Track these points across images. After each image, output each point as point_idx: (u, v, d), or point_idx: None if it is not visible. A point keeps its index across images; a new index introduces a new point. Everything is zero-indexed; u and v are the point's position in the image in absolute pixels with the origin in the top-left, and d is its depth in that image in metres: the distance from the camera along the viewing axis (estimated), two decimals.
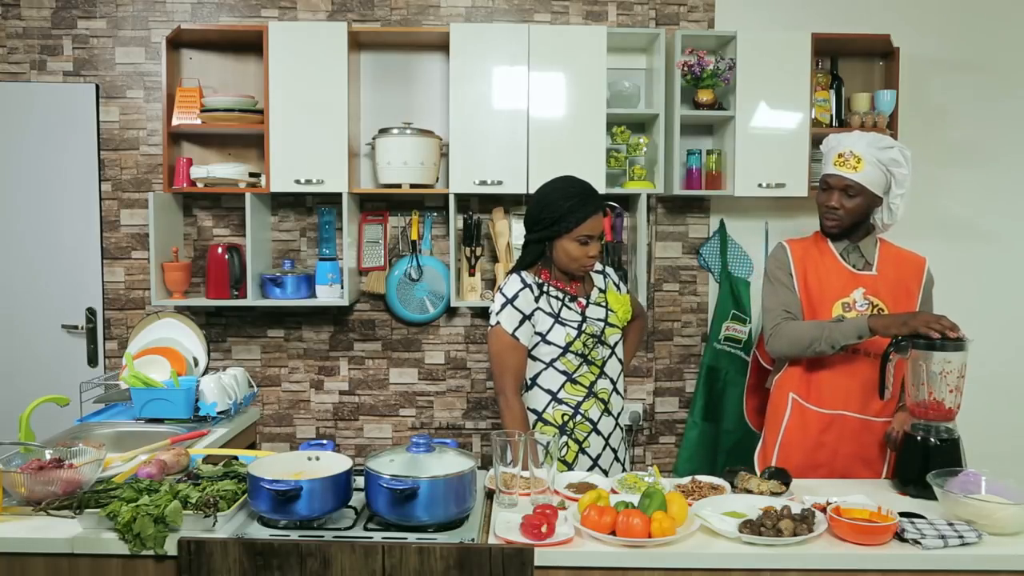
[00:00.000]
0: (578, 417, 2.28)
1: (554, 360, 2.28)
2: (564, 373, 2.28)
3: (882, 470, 2.28)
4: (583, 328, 2.27)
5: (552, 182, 2.31)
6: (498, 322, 2.26)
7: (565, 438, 2.27)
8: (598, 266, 2.44)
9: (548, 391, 2.29)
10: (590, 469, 2.29)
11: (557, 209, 2.23)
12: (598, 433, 2.30)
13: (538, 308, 2.27)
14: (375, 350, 3.85)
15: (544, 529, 1.70)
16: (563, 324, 2.26)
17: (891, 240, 2.41)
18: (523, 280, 2.28)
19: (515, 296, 2.26)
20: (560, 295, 2.30)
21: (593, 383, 2.30)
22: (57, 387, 2.84)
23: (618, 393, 2.37)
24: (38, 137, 3.68)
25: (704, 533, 1.74)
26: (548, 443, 1.90)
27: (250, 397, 2.84)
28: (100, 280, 3.76)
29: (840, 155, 2.23)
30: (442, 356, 3.86)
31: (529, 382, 2.32)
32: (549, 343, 2.27)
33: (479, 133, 3.42)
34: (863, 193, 2.23)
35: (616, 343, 2.35)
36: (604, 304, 2.35)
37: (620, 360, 2.38)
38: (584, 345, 2.26)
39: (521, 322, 2.25)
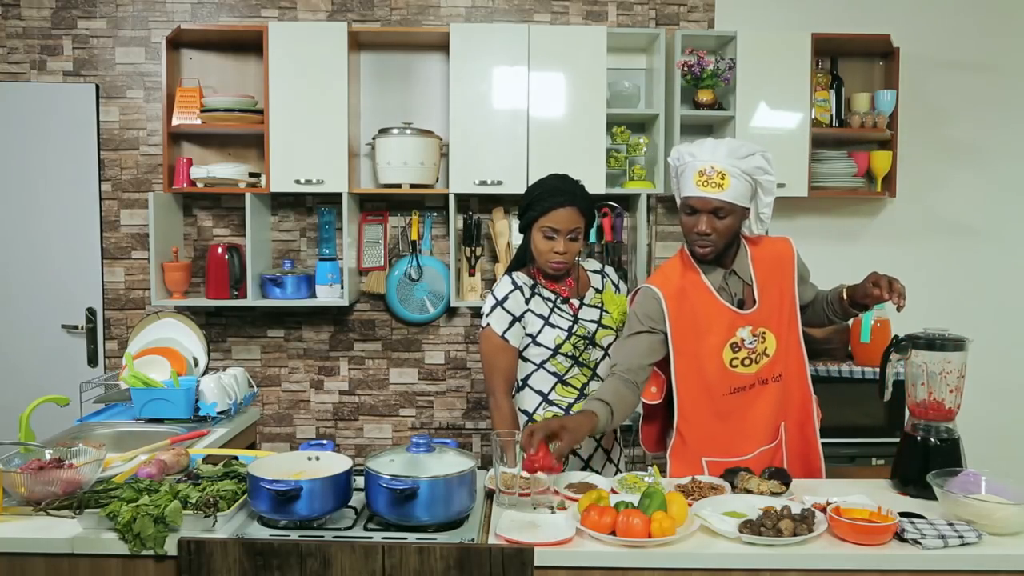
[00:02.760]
0: None
1: (544, 362, 2.28)
2: (555, 375, 2.28)
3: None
4: (573, 330, 2.26)
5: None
6: (488, 324, 2.26)
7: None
8: (597, 265, 2.44)
9: (539, 392, 2.29)
10: (581, 470, 2.28)
11: (529, 196, 2.25)
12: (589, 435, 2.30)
13: (528, 310, 2.26)
14: (375, 350, 3.85)
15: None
16: (552, 326, 2.25)
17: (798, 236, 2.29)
18: (514, 282, 2.28)
19: (505, 298, 2.26)
20: (552, 296, 2.29)
21: (585, 385, 2.29)
22: (57, 387, 2.84)
23: None
24: (38, 137, 3.68)
25: (704, 533, 1.73)
26: None
27: (250, 397, 2.84)
28: (100, 280, 3.76)
29: (701, 172, 1.98)
30: (442, 356, 3.86)
31: (520, 383, 2.32)
32: (539, 345, 2.26)
33: (479, 133, 3.42)
34: (733, 211, 2.01)
35: (610, 345, 2.34)
36: (599, 305, 2.34)
37: None
38: (574, 347, 2.25)
39: (511, 324, 2.25)
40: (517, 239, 3.68)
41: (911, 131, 3.72)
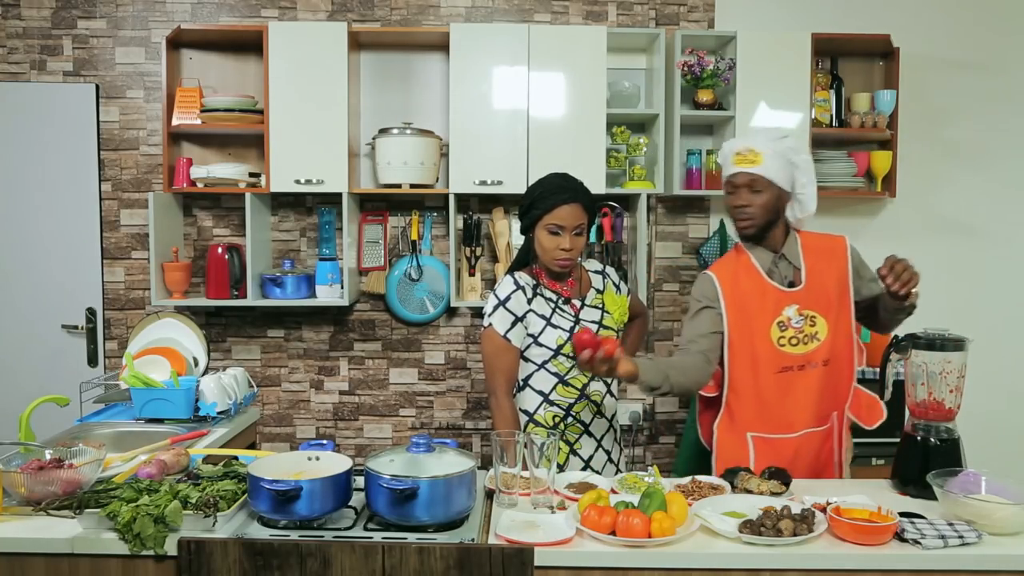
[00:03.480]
0: (569, 419, 2.28)
1: (546, 362, 2.28)
2: (556, 375, 2.28)
3: (834, 471, 2.26)
4: (575, 331, 2.26)
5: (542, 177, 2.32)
6: (490, 324, 2.26)
7: (557, 439, 2.27)
8: (598, 266, 2.44)
9: (540, 392, 2.29)
10: (582, 471, 2.28)
11: (531, 195, 2.25)
12: (590, 435, 2.30)
13: (531, 310, 2.26)
14: (375, 350, 3.85)
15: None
16: (554, 326, 2.26)
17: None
18: (516, 282, 2.28)
19: (508, 298, 2.26)
20: (553, 296, 2.29)
21: (585, 385, 2.29)
22: (57, 387, 2.84)
23: (612, 395, 2.36)
24: (38, 137, 3.68)
25: (704, 533, 1.74)
26: (544, 444, 1.90)
27: (250, 397, 2.84)
28: (100, 280, 3.76)
29: (738, 153, 2.16)
30: (442, 356, 3.86)
31: (521, 383, 2.32)
32: (541, 345, 2.26)
33: (479, 133, 3.42)
34: (769, 187, 2.14)
35: None
36: (600, 306, 2.34)
37: None
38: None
39: (513, 324, 2.25)
40: (517, 239, 3.68)
41: (911, 131, 3.72)
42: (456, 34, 3.41)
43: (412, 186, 3.49)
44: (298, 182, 3.42)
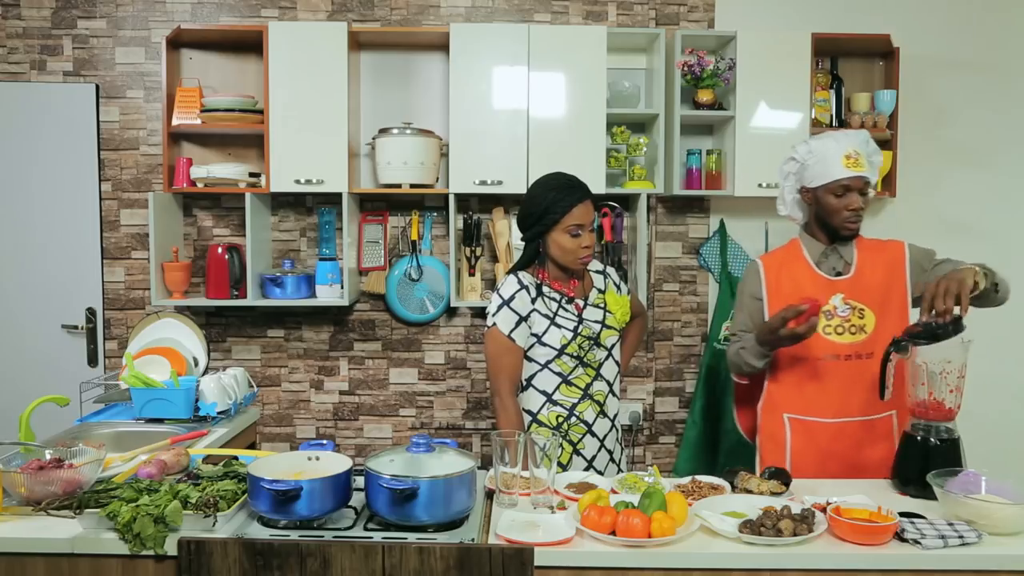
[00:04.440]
0: (572, 419, 2.28)
1: (549, 362, 2.27)
2: (559, 375, 2.28)
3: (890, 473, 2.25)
4: (579, 330, 2.26)
5: (537, 179, 2.32)
6: (494, 323, 2.25)
7: (559, 439, 2.27)
8: (599, 266, 2.44)
9: (543, 392, 2.29)
10: (585, 470, 2.28)
11: (543, 201, 2.23)
12: (593, 435, 2.30)
13: (534, 309, 2.26)
14: (375, 350, 3.85)
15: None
16: (558, 326, 2.25)
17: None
18: (520, 281, 2.28)
19: (512, 297, 2.25)
20: (557, 296, 2.29)
21: (589, 385, 2.29)
22: (57, 387, 2.84)
23: (614, 395, 2.36)
24: (38, 137, 3.68)
25: (704, 533, 1.74)
26: (546, 444, 1.90)
27: (250, 397, 2.84)
28: (100, 280, 3.76)
29: (848, 156, 2.19)
30: (442, 356, 3.86)
31: (524, 383, 2.32)
32: (544, 344, 2.26)
33: (479, 133, 3.42)
34: (869, 189, 2.23)
35: (613, 345, 2.34)
36: (602, 306, 2.34)
37: (617, 362, 2.37)
38: (579, 347, 2.25)
39: (517, 323, 2.25)
40: (517, 239, 3.68)
41: (911, 131, 3.72)
42: (456, 34, 3.41)
43: (412, 186, 3.49)
44: (298, 182, 3.42)
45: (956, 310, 1.94)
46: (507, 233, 3.70)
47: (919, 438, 2.02)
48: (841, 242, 2.28)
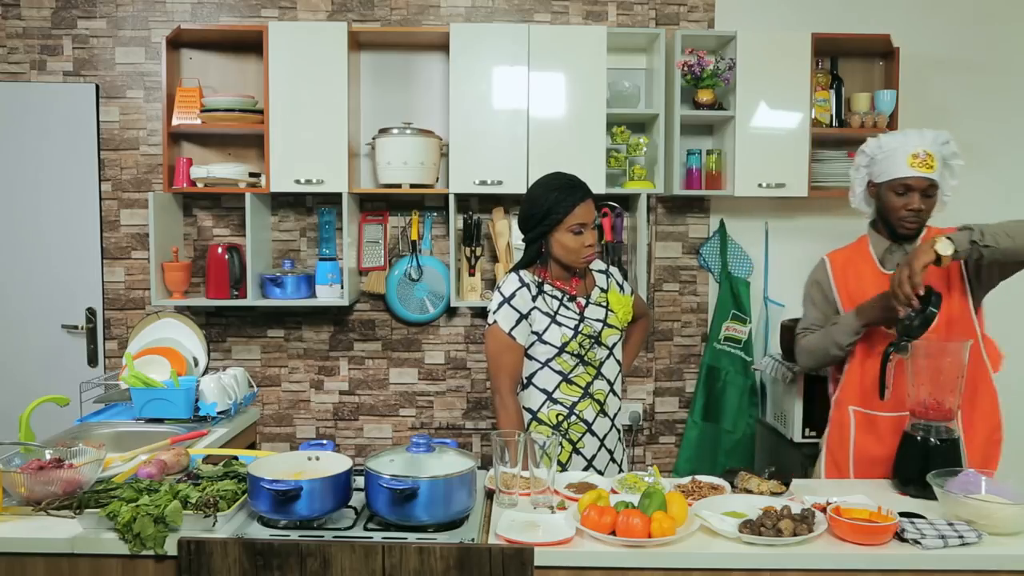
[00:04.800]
0: (572, 417, 2.28)
1: (550, 360, 2.28)
2: (559, 373, 2.28)
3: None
4: (579, 328, 2.26)
5: (538, 180, 2.33)
6: (495, 321, 2.26)
7: (559, 438, 2.27)
8: (602, 265, 2.44)
9: (543, 390, 2.29)
10: (584, 470, 2.28)
11: (544, 202, 2.24)
12: (593, 434, 2.30)
13: (535, 307, 2.26)
14: (375, 350, 3.85)
15: None
16: (559, 324, 2.26)
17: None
18: (521, 279, 2.28)
19: (512, 295, 2.26)
20: (558, 294, 2.30)
21: (589, 384, 2.29)
22: (57, 387, 2.84)
23: (615, 394, 2.36)
24: (38, 137, 3.68)
25: (704, 533, 1.74)
26: (546, 443, 1.90)
27: (250, 397, 2.84)
28: (100, 280, 3.76)
29: (915, 155, 2.18)
30: (442, 356, 3.86)
31: (525, 381, 2.32)
32: (545, 343, 2.27)
33: (479, 133, 3.42)
34: (937, 191, 2.23)
35: (615, 344, 2.34)
36: (604, 304, 2.34)
37: (618, 361, 2.37)
38: (580, 345, 2.26)
39: (518, 321, 2.25)
40: (517, 239, 3.68)
41: None
42: (456, 34, 3.41)
43: (412, 186, 3.49)
44: (298, 182, 3.42)
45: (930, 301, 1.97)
46: (507, 233, 3.70)
47: (919, 438, 2.02)
48: (902, 240, 2.28)
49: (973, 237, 2.02)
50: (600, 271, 2.42)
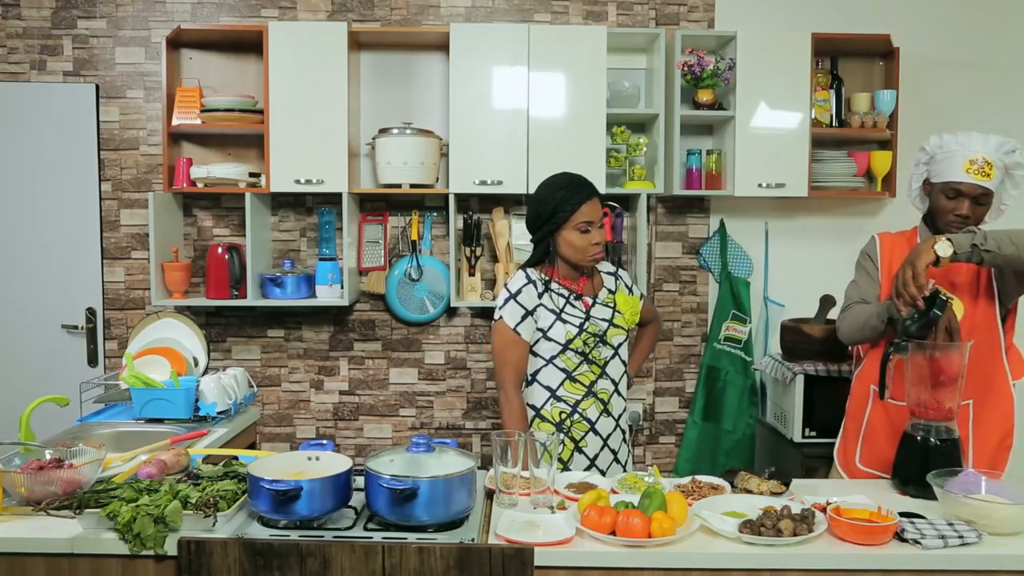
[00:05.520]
0: (576, 416, 2.28)
1: (554, 357, 2.28)
2: (563, 371, 2.28)
3: (968, 459, 2.22)
4: (585, 327, 2.27)
5: (544, 180, 2.33)
6: (501, 317, 2.27)
7: (562, 436, 2.27)
8: (610, 267, 2.45)
9: (547, 388, 2.30)
10: (587, 469, 2.28)
11: (551, 201, 2.25)
12: (596, 433, 2.30)
13: (541, 304, 2.27)
14: (375, 350, 3.85)
15: None
16: (564, 321, 2.26)
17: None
18: (528, 276, 2.29)
19: (518, 291, 2.27)
20: (565, 292, 2.30)
21: (593, 383, 2.30)
22: (57, 387, 2.84)
23: (620, 395, 2.36)
24: (38, 137, 3.68)
25: (704, 533, 1.74)
26: (547, 441, 1.90)
27: (250, 397, 2.84)
28: (100, 280, 3.76)
29: (972, 161, 2.15)
30: (442, 356, 3.86)
31: (529, 378, 2.33)
32: (549, 339, 2.27)
33: (479, 133, 3.42)
34: (991, 200, 2.19)
35: (620, 345, 2.35)
36: (611, 305, 2.35)
37: (623, 362, 2.38)
38: (585, 343, 2.26)
39: (523, 317, 2.26)
40: (517, 239, 3.69)
41: (911, 131, 3.71)
42: (456, 34, 3.41)
43: (412, 186, 3.49)
44: (298, 182, 3.42)
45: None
46: (507, 233, 3.70)
47: (919, 438, 2.02)
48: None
49: (975, 240, 1.99)
50: (609, 273, 2.43)
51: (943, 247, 1.97)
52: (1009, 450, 2.26)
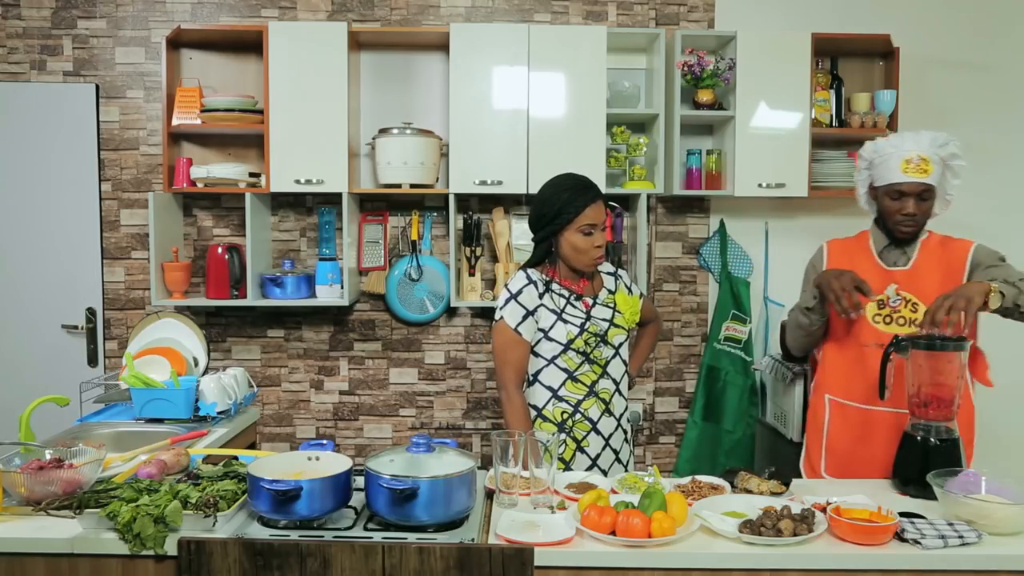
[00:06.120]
0: (577, 415, 2.28)
1: (555, 357, 2.28)
2: (565, 370, 2.28)
3: None
4: (585, 327, 2.27)
5: (549, 180, 2.33)
6: (502, 317, 2.27)
7: (563, 436, 2.28)
8: (610, 267, 2.45)
9: (548, 388, 2.30)
10: (588, 468, 2.28)
11: (556, 202, 2.25)
12: (597, 433, 2.30)
13: (542, 304, 2.27)
14: (375, 350, 3.85)
15: None
16: (565, 321, 2.27)
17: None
18: (528, 276, 2.30)
19: (519, 292, 2.27)
20: (566, 293, 2.31)
21: (595, 382, 2.30)
22: (57, 387, 2.84)
23: (621, 395, 2.36)
24: (38, 137, 3.68)
25: (704, 533, 1.74)
26: (548, 442, 1.90)
27: (250, 397, 2.84)
28: (100, 280, 3.76)
29: (907, 160, 2.20)
30: (442, 356, 3.86)
31: (531, 378, 2.33)
32: (551, 339, 2.27)
33: (479, 133, 3.42)
34: (933, 194, 2.24)
35: (621, 344, 2.35)
36: (612, 305, 2.35)
37: (624, 362, 2.38)
38: (586, 343, 2.26)
39: (524, 317, 2.26)
40: (517, 239, 3.69)
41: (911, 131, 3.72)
42: (456, 34, 3.41)
43: (412, 186, 3.49)
44: (298, 182, 3.42)
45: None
46: (507, 233, 3.70)
47: (919, 438, 2.02)
48: (900, 242, 2.30)
49: (1019, 300, 2.05)
50: (609, 273, 2.44)
51: (995, 299, 1.99)
52: (970, 460, 2.25)
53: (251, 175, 3.55)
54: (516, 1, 3.75)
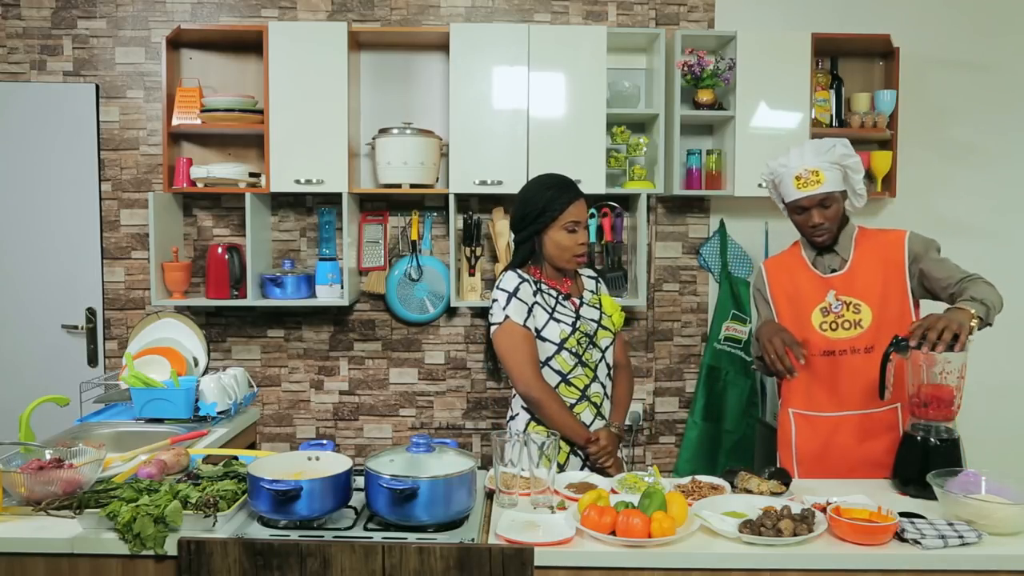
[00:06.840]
0: None
1: (550, 358, 2.28)
2: (559, 372, 2.28)
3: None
4: (577, 325, 2.27)
5: (530, 181, 2.37)
6: (507, 316, 2.25)
7: (557, 439, 2.27)
8: (592, 272, 2.46)
9: None
10: (581, 470, 2.28)
11: (540, 200, 2.27)
12: None
13: (536, 302, 2.27)
14: (375, 350, 3.85)
15: None
16: (557, 320, 2.27)
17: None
18: (520, 275, 2.30)
19: (517, 288, 2.27)
20: (554, 292, 2.31)
21: (587, 386, 2.30)
22: (57, 387, 2.84)
23: (608, 398, 2.37)
24: (38, 137, 3.68)
25: (704, 533, 1.74)
26: (544, 444, 1.90)
27: (250, 397, 2.84)
28: (100, 280, 3.76)
29: (798, 177, 2.24)
30: (442, 356, 3.86)
31: None
32: (544, 339, 2.27)
33: (479, 133, 3.42)
34: (835, 199, 2.26)
35: (607, 348, 2.35)
36: (598, 306, 2.36)
37: (609, 365, 2.38)
38: (578, 343, 2.26)
39: (528, 312, 2.26)
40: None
41: (911, 131, 3.72)
42: (456, 34, 3.41)
43: (412, 186, 3.49)
44: (298, 182, 3.42)
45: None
46: (507, 233, 3.70)
47: (919, 438, 2.02)
48: (827, 248, 2.32)
49: (989, 319, 2.13)
50: (591, 277, 2.46)
51: (975, 322, 2.03)
52: None
53: (251, 175, 3.55)
54: (516, 1, 3.75)
